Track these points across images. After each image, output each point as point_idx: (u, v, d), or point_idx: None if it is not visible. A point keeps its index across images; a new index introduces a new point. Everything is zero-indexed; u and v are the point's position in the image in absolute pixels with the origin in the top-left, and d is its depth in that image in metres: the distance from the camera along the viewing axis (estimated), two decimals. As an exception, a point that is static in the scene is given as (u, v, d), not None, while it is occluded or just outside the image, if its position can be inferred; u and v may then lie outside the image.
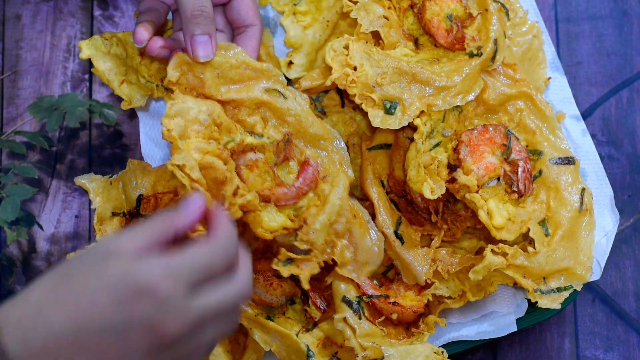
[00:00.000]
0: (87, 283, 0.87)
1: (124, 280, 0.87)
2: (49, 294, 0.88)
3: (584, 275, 1.24)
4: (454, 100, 1.25)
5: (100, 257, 0.89)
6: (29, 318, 0.87)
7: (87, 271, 0.88)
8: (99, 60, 1.38)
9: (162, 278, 0.88)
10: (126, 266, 0.88)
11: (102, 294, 0.87)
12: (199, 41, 1.16)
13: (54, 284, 0.88)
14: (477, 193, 1.24)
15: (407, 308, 1.24)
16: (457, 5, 1.29)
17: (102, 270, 0.88)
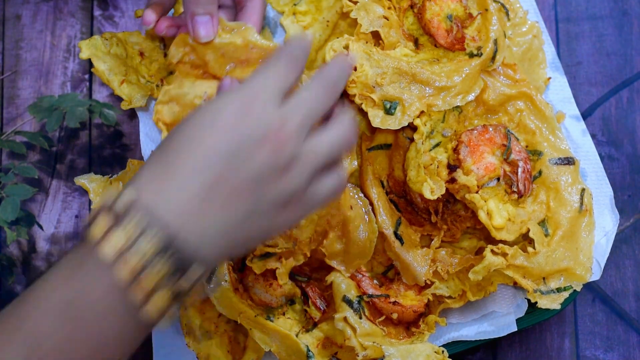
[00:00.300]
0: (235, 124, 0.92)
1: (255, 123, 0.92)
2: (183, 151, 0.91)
3: (583, 276, 1.24)
4: (454, 101, 1.25)
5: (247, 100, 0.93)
6: (167, 177, 0.90)
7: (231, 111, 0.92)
8: (99, 60, 1.38)
9: (283, 120, 0.93)
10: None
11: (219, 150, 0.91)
12: (200, 21, 1.14)
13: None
14: (477, 193, 1.24)
15: (408, 308, 1.24)
16: (457, 5, 1.29)
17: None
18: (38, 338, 0.87)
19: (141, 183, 0.90)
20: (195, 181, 0.89)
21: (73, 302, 0.87)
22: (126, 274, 0.86)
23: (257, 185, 0.92)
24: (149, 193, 0.89)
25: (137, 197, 0.88)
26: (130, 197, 0.88)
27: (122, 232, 0.86)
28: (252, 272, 1.25)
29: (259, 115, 0.92)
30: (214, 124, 0.91)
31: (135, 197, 0.88)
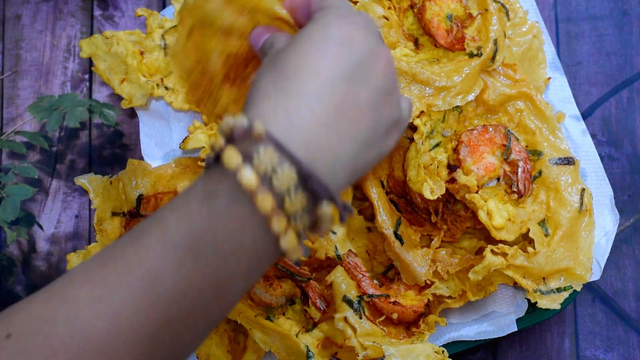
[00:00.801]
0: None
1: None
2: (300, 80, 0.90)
3: (583, 276, 1.24)
4: (454, 101, 1.25)
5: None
6: (287, 104, 0.89)
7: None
8: (99, 59, 1.38)
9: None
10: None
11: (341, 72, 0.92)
12: None
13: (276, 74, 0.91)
14: (477, 193, 1.24)
15: (408, 308, 1.24)
16: (457, 5, 1.29)
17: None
18: (159, 274, 0.85)
19: (264, 112, 0.88)
20: (319, 109, 0.89)
21: (202, 235, 0.85)
22: (268, 205, 0.84)
23: (375, 109, 0.93)
24: (276, 125, 0.87)
25: (265, 129, 0.86)
26: (259, 129, 0.86)
27: (258, 166, 0.84)
28: None
29: (363, 40, 0.93)
30: (325, 49, 0.91)
31: (264, 129, 0.86)
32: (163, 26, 1.38)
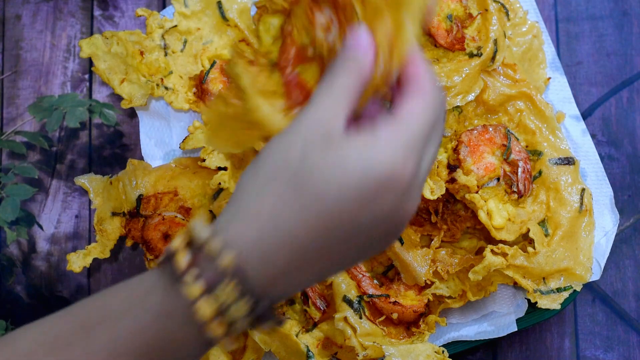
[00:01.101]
0: (325, 182, 0.79)
1: (366, 173, 0.78)
2: (279, 201, 0.80)
3: (583, 276, 1.24)
4: (454, 101, 1.25)
5: (320, 146, 0.80)
6: (264, 233, 0.80)
7: (316, 167, 0.79)
8: (99, 59, 1.38)
9: (404, 160, 0.79)
10: (362, 153, 0.79)
11: (347, 194, 0.79)
12: None
13: (280, 188, 0.80)
14: (477, 193, 1.24)
15: (408, 308, 1.24)
16: (457, 5, 1.29)
17: (334, 162, 0.79)
18: None
19: (237, 237, 0.81)
20: (297, 244, 0.81)
21: (151, 349, 0.84)
22: (220, 331, 0.82)
23: (365, 250, 0.84)
24: (248, 254, 0.80)
25: (235, 258, 0.80)
26: (228, 261, 0.80)
27: (217, 297, 0.81)
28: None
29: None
30: (306, 184, 0.80)
31: (234, 262, 0.80)
32: (163, 26, 1.38)
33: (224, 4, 1.38)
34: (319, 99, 0.82)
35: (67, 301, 1.37)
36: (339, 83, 0.82)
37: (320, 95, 0.82)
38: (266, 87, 1.06)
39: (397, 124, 0.80)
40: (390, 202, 0.80)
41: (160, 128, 1.37)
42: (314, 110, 0.81)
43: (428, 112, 0.81)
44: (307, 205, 0.79)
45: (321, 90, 0.83)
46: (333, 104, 0.81)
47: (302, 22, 1.04)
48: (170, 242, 0.83)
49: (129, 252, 1.39)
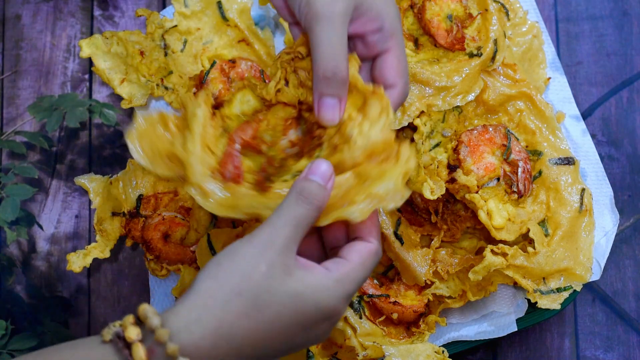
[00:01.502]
0: (282, 306, 0.93)
1: (317, 306, 0.94)
2: (239, 319, 0.92)
3: (583, 276, 1.24)
4: (454, 101, 1.25)
5: (281, 275, 0.93)
6: (219, 348, 0.92)
7: (277, 293, 0.93)
8: (99, 59, 1.38)
9: (346, 301, 0.97)
10: (315, 289, 0.94)
11: (296, 319, 0.94)
12: (327, 103, 1.05)
13: (243, 307, 0.92)
14: (477, 193, 1.24)
15: (408, 308, 1.24)
16: (457, 5, 1.29)
17: (292, 291, 0.93)
18: None
19: (192, 344, 0.91)
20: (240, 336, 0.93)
21: None
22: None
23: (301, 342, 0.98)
24: (190, 340, 0.91)
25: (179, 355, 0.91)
26: (174, 352, 0.90)
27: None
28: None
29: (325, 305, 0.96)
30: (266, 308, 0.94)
31: (178, 354, 0.90)
32: (163, 26, 1.38)
33: (224, 4, 1.38)
34: (280, 224, 0.95)
35: (67, 301, 1.37)
36: (299, 214, 0.95)
37: (282, 221, 0.95)
38: (209, 141, 1.10)
39: (348, 272, 0.97)
40: (325, 328, 0.97)
41: (160, 128, 1.37)
42: (276, 235, 0.94)
43: (372, 263, 1.00)
44: (262, 325, 0.92)
45: (283, 215, 0.95)
46: (291, 233, 0.94)
47: (275, 122, 1.09)
48: (125, 329, 0.91)
49: (129, 252, 1.39)
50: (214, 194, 1.07)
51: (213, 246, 1.25)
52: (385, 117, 1.05)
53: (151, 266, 1.29)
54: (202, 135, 1.11)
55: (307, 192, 0.96)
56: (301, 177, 0.98)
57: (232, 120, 1.14)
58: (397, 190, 1.00)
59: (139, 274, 1.38)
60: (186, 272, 1.27)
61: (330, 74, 1.03)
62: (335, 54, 1.02)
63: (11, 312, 1.36)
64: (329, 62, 1.03)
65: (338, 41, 1.02)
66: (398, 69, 1.08)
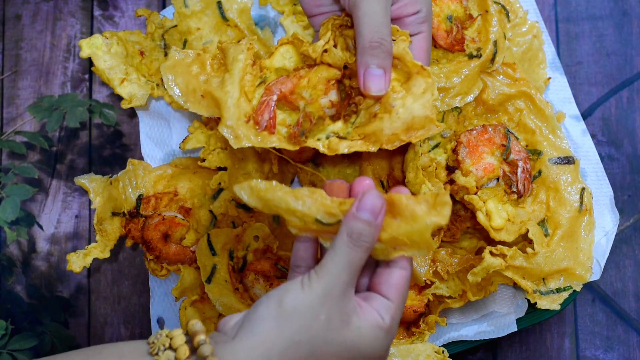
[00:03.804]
0: (336, 356, 0.95)
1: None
2: None
3: (583, 276, 1.24)
4: (453, 102, 1.24)
5: (339, 324, 0.95)
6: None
7: (333, 342, 0.95)
8: (99, 59, 1.38)
9: (388, 350, 0.99)
10: (366, 340, 0.96)
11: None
12: (374, 74, 1.06)
13: (302, 357, 0.94)
14: (476, 194, 1.24)
15: (408, 308, 1.25)
16: (457, 6, 1.29)
17: (348, 342, 0.95)
18: None
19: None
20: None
21: None
22: None
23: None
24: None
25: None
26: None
27: None
28: (252, 272, 1.25)
29: None
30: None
31: None
32: (163, 26, 1.38)
33: (224, 4, 1.38)
34: (336, 272, 0.95)
35: (67, 301, 1.37)
36: (352, 258, 0.96)
37: (337, 268, 0.95)
38: (247, 88, 1.09)
39: (395, 316, 0.98)
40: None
41: (160, 128, 1.37)
42: (334, 284, 0.95)
43: (408, 289, 1.01)
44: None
45: (338, 261, 0.96)
46: (348, 279, 0.95)
47: (317, 82, 1.09)
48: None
49: (129, 252, 1.39)
50: (247, 138, 1.07)
51: (213, 246, 1.25)
52: (429, 95, 1.05)
53: (151, 266, 1.29)
54: (240, 80, 1.11)
55: (357, 234, 0.95)
56: (350, 214, 0.97)
57: (271, 73, 1.15)
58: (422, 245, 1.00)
59: (139, 274, 1.38)
60: (186, 272, 1.27)
61: (376, 44, 1.05)
62: (380, 26, 1.05)
63: (11, 312, 1.36)
64: (374, 33, 1.05)
65: (383, 14, 1.05)
66: (426, 52, 1.11)
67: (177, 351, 0.91)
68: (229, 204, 1.28)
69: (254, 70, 1.14)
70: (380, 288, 0.98)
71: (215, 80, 1.14)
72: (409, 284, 1.00)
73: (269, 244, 1.28)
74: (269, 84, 1.13)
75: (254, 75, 1.13)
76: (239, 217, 1.28)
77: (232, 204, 1.28)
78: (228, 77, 1.12)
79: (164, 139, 1.36)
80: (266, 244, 1.28)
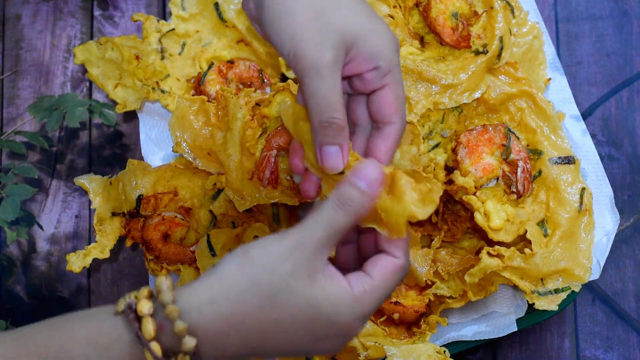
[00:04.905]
0: (298, 309, 0.93)
1: (332, 320, 0.94)
2: (255, 312, 0.92)
3: (582, 276, 1.24)
4: (461, 98, 1.25)
5: (305, 278, 0.93)
6: (229, 336, 0.92)
7: (295, 294, 0.92)
8: (92, 65, 1.39)
9: (362, 321, 0.96)
10: (333, 302, 0.93)
11: (310, 327, 0.94)
12: (328, 152, 1.03)
13: (261, 300, 0.92)
14: (475, 195, 1.24)
15: (409, 308, 1.25)
16: (462, 3, 1.29)
17: (311, 297, 0.93)
18: None
19: (204, 329, 0.92)
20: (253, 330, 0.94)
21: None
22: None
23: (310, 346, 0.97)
24: (207, 345, 0.92)
25: (196, 347, 0.91)
26: (190, 345, 0.91)
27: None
28: None
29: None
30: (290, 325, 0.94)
31: (193, 345, 0.91)
32: (160, 30, 1.38)
33: (221, 5, 1.38)
34: (314, 228, 0.94)
35: (67, 301, 1.36)
36: (334, 220, 0.94)
37: (316, 224, 0.94)
38: (248, 143, 1.12)
39: (368, 291, 0.95)
40: (336, 343, 0.96)
41: (160, 128, 1.37)
42: (308, 238, 0.93)
43: (396, 281, 0.98)
44: (274, 323, 0.92)
45: (319, 218, 0.94)
46: (324, 238, 0.93)
47: None
48: (138, 302, 0.92)
49: (129, 252, 1.39)
50: (252, 197, 1.10)
51: (213, 246, 1.25)
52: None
53: (151, 266, 1.29)
54: (241, 137, 1.13)
55: (345, 198, 0.95)
56: (344, 178, 0.96)
57: (271, 121, 1.16)
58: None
59: (139, 274, 1.38)
60: (186, 272, 1.27)
61: (326, 123, 1.01)
62: (329, 104, 1.01)
63: (11, 312, 1.36)
64: (323, 113, 1.01)
65: (330, 91, 1.00)
66: (395, 106, 1.06)
67: (137, 294, 0.92)
68: (228, 204, 1.28)
69: (253, 123, 1.16)
70: (365, 267, 0.97)
71: (219, 135, 1.19)
72: (399, 274, 0.98)
73: (269, 244, 1.28)
74: (269, 136, 1.15)
75: (254, 129, 1.16)
76: (239, 217, 1.28)
77: (231, 204, 1.28)
78: (230, 137, 1.16)
79: (164, 139, 1.37)
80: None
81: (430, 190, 0.96)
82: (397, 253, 0.98)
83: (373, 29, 1.03)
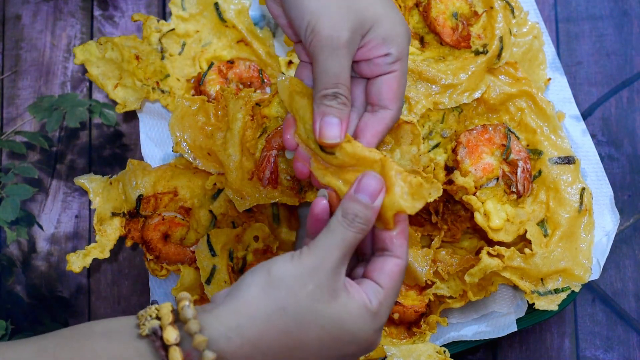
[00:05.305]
0: (321, 328, 0.95)
1: (355, 336, 0.97)
2: (280, 335, 0.94)
3: (582, 276, 1.24)
4: (461, 98, 1.25)
5: (327, 297, 0.95)
6: (254, 351, 0.93)
7: (320, 314, 0.95)
8: (92, 66, 1.38)
9: (378, 334, 0.99)
10: (356, 320, 0.96)
11: (333, 345, 0.96)
12: (328, 121, 1.04)
13: (287, 323, 0.94)
14: (475, 195, 1.24)
15: (409, 308, 1.25)
16: (462, 3, 1.29)
17: (334, 316, 0.95)
18: None
19: (233, 352, 0.93)
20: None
21: None
22: None
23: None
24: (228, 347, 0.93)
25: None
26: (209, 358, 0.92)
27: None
28: None
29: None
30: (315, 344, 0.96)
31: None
32: (160, 30, 1.38)
33: (221, 5, 1.38)
34: (330, 248, 0.96)
35: (67, 301, 1.36)
36: (347, 237, 0.97)
37: (331, 244, 0.96)
38: (248, 144, 1.12)
39: (384, 302, 0.98)
40: (358, 356, 0.99)
41: (160, 128, 1.37)
42: (326, 259, 0.95)
43: (401, 283, 1.01)
44: (300, 344, 0.95)
45: (332, 238, 0.97)
46: (340, 256, 0.96)
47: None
48: (164, 329, 0.93)
49: (129, 252, 1.39)
50: (252, 197, 1.10)
51: (213, 246, 1.25)
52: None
53: (151, 266, 1.29)
54: (240, 138, 1.13)
55: (352, 215, 0.97)
56: (348, 195, 0.98)
57: (271, 121, 1.16)
58: None
59: (139, 274, 1.38)
60: (186, 272, 1.27)
61: (332, 96, 1.03)
62: (338, 79, 1.03)
63: (11, 312, 1.36)
64: (330, 84, 1.03)
65: (341, 70, 1.03)
66: (397, 93, 1.08)
67: (161, 319, 0.92)
68: (228, 204, 1.28)
69: (253, 124, 1.16)
70: (373, 275, 0.99)
71: (219, 135, 1.20)
72: (403, 275, 1.00)
73: (269, 244, 1.28)
74: (269, 136, 1.15)
75: (254, 129, 1.16)
76: (239, 217, 1.28)
77: (231, 204, 1.28)
78: (230, 137, 1.16)
79: (164, 139, 1.37)
80: (266, 244, 1.28)
81: (421, 184, 0.96)
82: (399, 252, 1.00)
83: (390, 17, 1.05)
